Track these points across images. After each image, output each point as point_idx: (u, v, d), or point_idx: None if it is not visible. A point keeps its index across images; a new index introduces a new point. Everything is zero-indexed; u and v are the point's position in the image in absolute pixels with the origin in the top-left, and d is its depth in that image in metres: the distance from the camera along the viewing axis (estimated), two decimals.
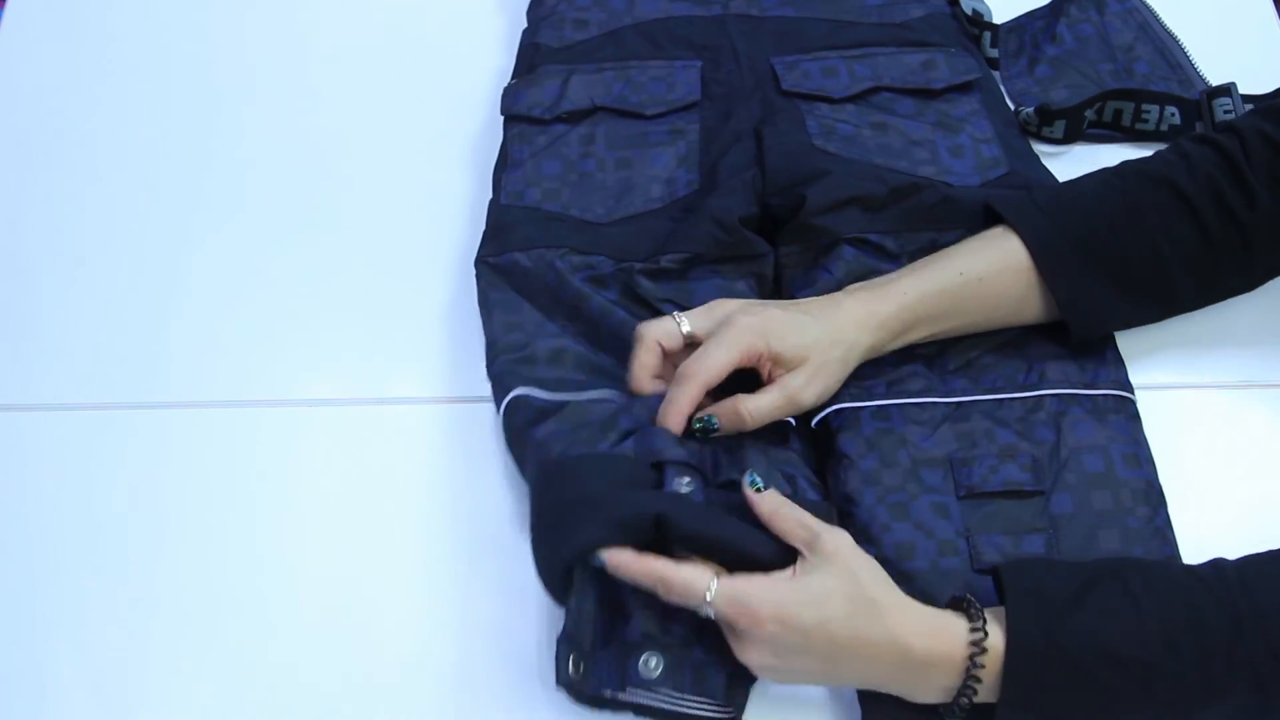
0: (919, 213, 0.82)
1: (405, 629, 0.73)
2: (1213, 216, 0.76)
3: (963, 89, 0.91)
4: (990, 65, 0.95)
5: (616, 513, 0.67)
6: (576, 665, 0.67)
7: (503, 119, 0.92)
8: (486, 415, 0.80)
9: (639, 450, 0.72)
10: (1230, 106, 0.89)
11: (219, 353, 0.85)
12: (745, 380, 0.74)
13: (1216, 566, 0.65)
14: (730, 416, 0.72)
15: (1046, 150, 0.91)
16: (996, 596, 0.65)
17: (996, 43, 0.96)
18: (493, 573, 0.72)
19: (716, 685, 0.67)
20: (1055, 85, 0.95)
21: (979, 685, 0.62)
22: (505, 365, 0.78)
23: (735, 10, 0.97)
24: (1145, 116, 0.91)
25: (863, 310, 0.74)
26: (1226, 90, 0.90)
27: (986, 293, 0.75)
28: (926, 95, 0.91)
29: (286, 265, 0.89)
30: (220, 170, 0.94)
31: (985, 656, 0.62)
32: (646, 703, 0.67)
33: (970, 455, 0.74)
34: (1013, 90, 0.95)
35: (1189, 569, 0.65)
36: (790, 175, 0.84)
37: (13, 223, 0.92)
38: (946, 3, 0.98)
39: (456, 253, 0.88)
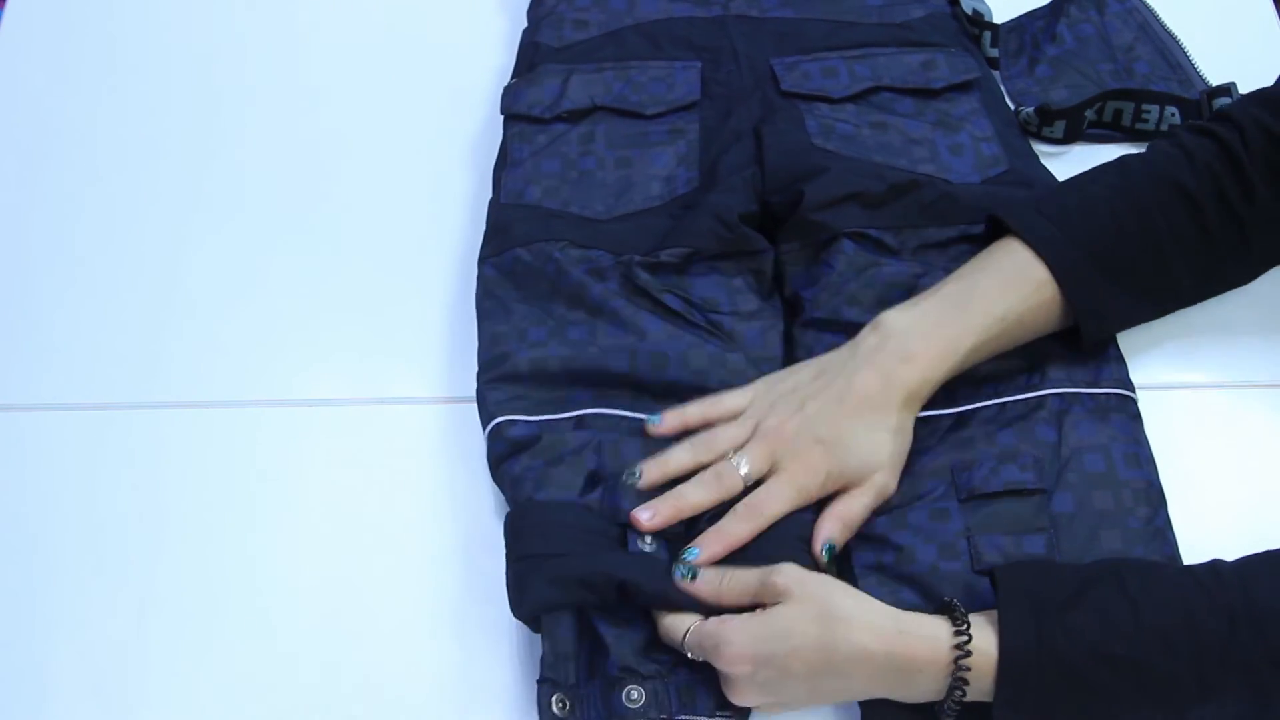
0: (918, 209, 0.82)
1: (404, 629, 0.73)
2: (1214, 212, 0.76)
3: (962, 88, 0.91)
4: (990, 65, 0.95)
5: (576, 573, 0.67)
6: (561, 704, 0.66)
7: (503, 118, 0.92)
8: None
9: (605, 506, 0.71)
10: None
11: (219, 353, 0.85)
12: None
13: (1214, 568, 0.64)
14: (841, 535, 0.71)
15: (1046, 150, 0.91)
16: (994, 599, 0.65)
17: (997, 42, 0.96)
18: (492, 573, 0.72)
19: (706, 703, 0.67)
20: (1055, 85, 0.95)
21: (967, 686, 0.62)
22: (486, 384, 0.78)
23: (735, 11, 0.96)
24: (1145, 116, 0.91)
25: (914, 380, 0.72)
26: (1227, 90, 0.90)
27: (1023, 331, 0.76)
28: (926, 95, 0.90)
29: (286, 265, 0.89)
30: (220, 170, 0.94)
31: (971, 659, 0.62)
32: None
33: (971, 460, 0.74)
34: (1013, 90, 0.95)
35: (1186, 570, 0.65)
36: (789, 173, 0.84)
37: (13, 223, 0.92)
38: (947, 2, 0.98)
39: (457, 252, 0.88)
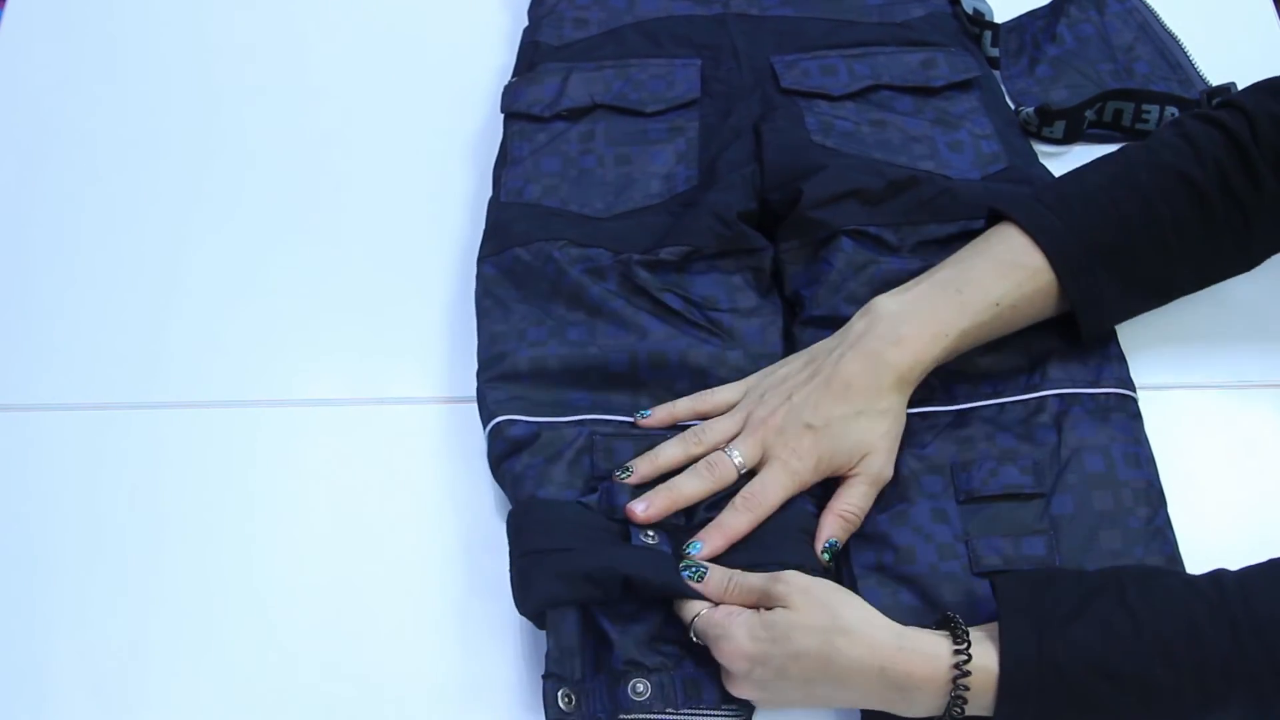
0: (918, 205, 0.82)
1: (406, 628, 0.73)
2: (1218, 202, 0.75)
3: (962, 87, 0.91)
4: (991, 65, 0.95)
5: (580, 567, 0.67)
6: (567, 698, 0.67)
7: (503, 116, 0.92)
8: None
9: (602, 506, 0.72)
10: None
11: (219, 353, 0.84)
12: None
13: (1216, 578, 0.64)
14: (843, 532, 0.71)
15: (1046, 150, 0.91)
16: (995, 603, 0.64)
17: (997, 42, 0.96)
18: (494, 572, 0.72)
19: (711, 695, 0.67)
20: (1055, 85, 0.95)
21: (966, 705, 0.62)
22: (485, 383, 0.78)
23: (735, 9, 0.96)
24: (1145, 117, 0.91)
25: (903, 363, 0.72)
26: (1227, 90, 0.90)
27: (1016, 318, 0.75)
28: (926, 93, 0.90)
29: (286, 265, 0.89)
30: (220, 169, 0.94)
31: (971, 677, 0.62)
32: (652, 715, 0.67)
33: (970, 459, 0.74)
34: (1013, 90, 0.95)
35: (1188, 580, 0.65)
36: (789, 170, 0.84)
37: (13, 223, 0.92)
38: (947, 2, 0.98)
39: (457, 251, 0.88)
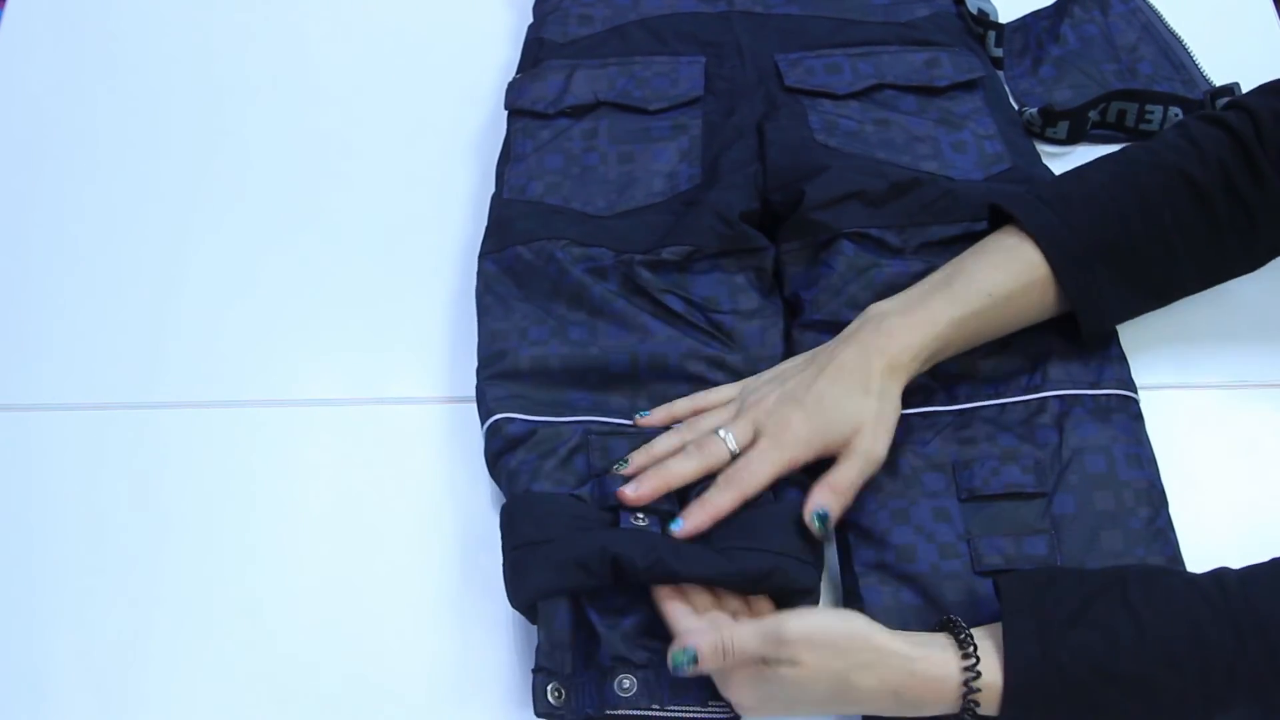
0: (920, 207, 0.82)
1: (405, 629, 0.73)
2: (1223, 204, 0.74)
3: (966, 87, 0.91)
4: (995, 65, 0.95)
5: (571, 555, 0.67)
6: (557, 692, 0.67)
7: (506, 113, 0.92)
8: None
9: (595, 496, 0.72)
10: None
11: (219, 353, 0.84)
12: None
13: (1218, 578, 0.64)
14: (833, 499, 0.70)
15: (1050, 151, 0.91)
16: (997, 602, 0.64)
17: (1001, 42, 0.96)
18: (490, 570, 0.72)
19: (697, 694, 0.67)
20: (1059, 85, 0.95)
21: (977, 709, 0.62)
22: (485, 380, 0.78)
23: (740, 7, 0.96)
24: (1149, 117, 0.91)
25: (892, 348, 0.72)
26: (1230, 90, 0.89)
27: (1012, 311, 0.75)
28: (930, 93, 0.90)
29: (287, 264, 0.89)
30: (221, 168, 0.94)
31: (980, 680, 0.62)
32: (639, 713, 0.67)
33: (972, 458, 0.74)
34: (1017, 90, 0.95)
35: (1191, 580, 0.64)
36: (792, 170, 0.84)
37: (13, 223, 0.92)
38: (952, 2, 0.97)
39: (459, 250, 0.88)
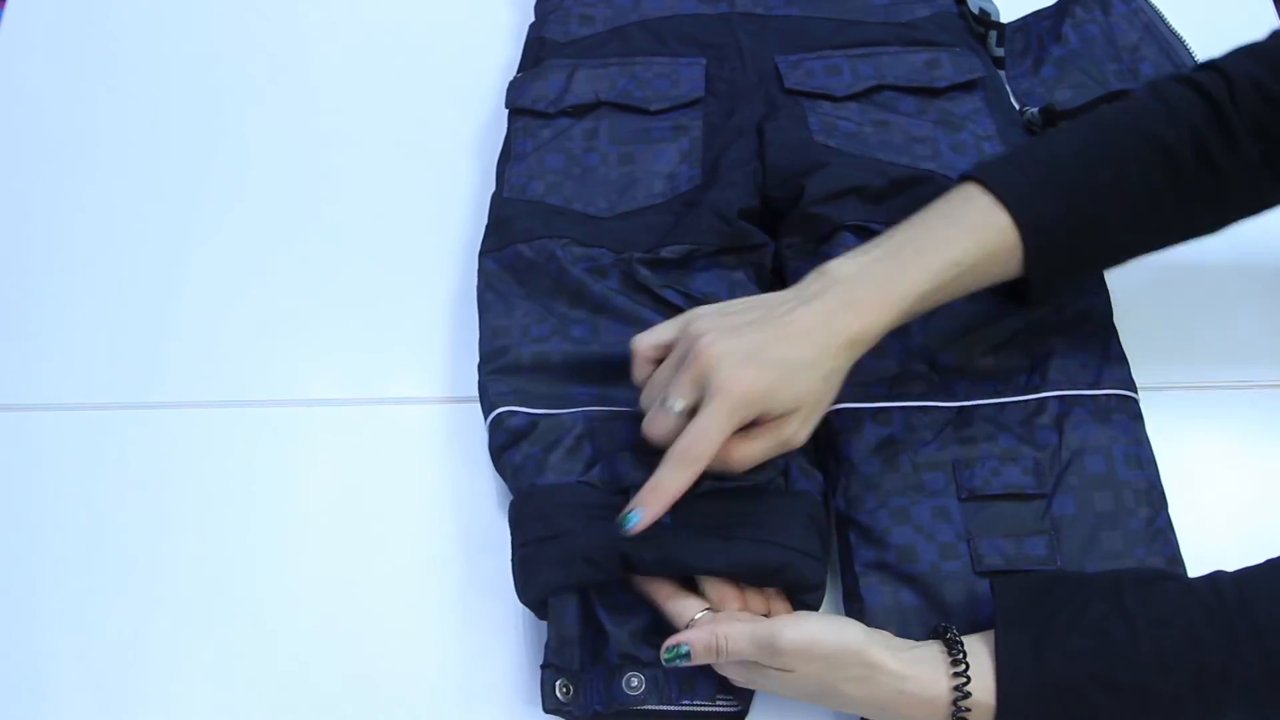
0: (919, 202, 0.81)
1: (405, 629, 0.73)
2: (1190, 165, 0.72)
3: (966, 88, 0.91)
4: (996, 64, 0.95)
5: (579, 550, 0.67)
6: (565, 689, 0.67)
7: (507, 112, 0.92)
8: None
9: (604, 478, 0.72)
10: None
11: (219, 353, 0.84)
12: None
13: (1214, 581, 0.64)
14: (720, 464, 0.67)
15: None
16: (993, 601, 0.65)
17: (1002, 42, 0.95)
18: (494, 570, 0.72)
19: (706, 688, 0.68)
20: (1060, 85, 0.94)
21: (969, 715, 0.62)
22: (487, 376, 0.78)
23: (741, 8, 0.96)
24: None
25: (858, 324, 0.69)
26: None
27: (976, 278, 0.72)
28: (929, 94, 0.90)
29: (287, 264, 0.89)
30: (221, 168, 0.94)
31: (969, 699, 0.62)
32: (647, 708, 0.68)
33: (972, 458, 0.74)
34: (1018, 90, 0.95)
35: (1186, 585, 0.64)
36: (791, 168, 0.84)
37: (13, 223, 0.92)
38: (953, 1, 0.97)
39: (459, 249, 0.88)
